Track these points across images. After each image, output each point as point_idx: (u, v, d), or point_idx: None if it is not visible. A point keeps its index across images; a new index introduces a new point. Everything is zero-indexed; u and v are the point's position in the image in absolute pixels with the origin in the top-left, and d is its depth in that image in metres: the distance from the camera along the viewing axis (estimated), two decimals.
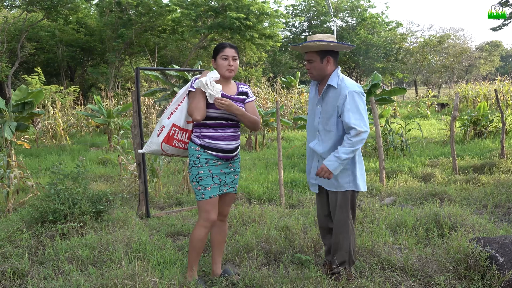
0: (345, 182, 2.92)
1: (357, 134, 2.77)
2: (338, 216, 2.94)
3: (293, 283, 2.89)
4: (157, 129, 3.03)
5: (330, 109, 2.91)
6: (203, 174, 2.87)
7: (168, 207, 5.48)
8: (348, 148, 2.78)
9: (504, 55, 56.80)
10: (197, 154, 2.89)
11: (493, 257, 2.85)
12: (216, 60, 2.94)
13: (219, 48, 2.94)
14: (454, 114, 6.74)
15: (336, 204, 2.95)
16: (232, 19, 19.93)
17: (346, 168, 2.91)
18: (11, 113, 6.70)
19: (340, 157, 2.78)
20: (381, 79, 8.99)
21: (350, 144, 2.78)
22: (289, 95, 17.20)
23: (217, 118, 2.89)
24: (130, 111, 13.92)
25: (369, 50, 30.25)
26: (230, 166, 3.00)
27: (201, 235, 2.92)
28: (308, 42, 2.87)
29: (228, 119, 2.92)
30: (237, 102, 2.95)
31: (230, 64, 2.91)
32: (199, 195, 2.90)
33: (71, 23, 23.73)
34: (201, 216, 2.94)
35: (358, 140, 2.78)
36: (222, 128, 2.91)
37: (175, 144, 2.98)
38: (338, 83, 2.88)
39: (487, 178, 5.96)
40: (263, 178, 6.67)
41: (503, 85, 18.35)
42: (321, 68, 2.93)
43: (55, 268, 3.28)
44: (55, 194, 4.22)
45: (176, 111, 2.98)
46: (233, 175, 3.03)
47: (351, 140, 2.78)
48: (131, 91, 17.51)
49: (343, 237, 2.95)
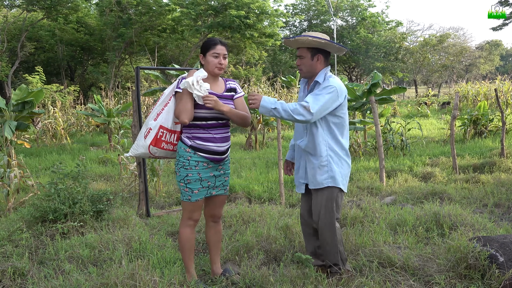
0: (323, 178, 2.88)
1: (304, 108, 2.70)
2: (323, 216, 2.91)
3: (293, 283, 2.89)
4: (144, 132, 2.93)
5: None
6: (192, 177, 2.82)
7: (168, 206, 5.49)
8: (286, 108, 2.69)
9: (504, 54, 56.78)
10: (187, 155, 2.82)
11: (493, 256, 2.85)
12: (205, 57, 2.84)
13: (210, 44, 2.84)
14: (454, 113, 6.74)
15: (320, 204, 2.92)
16: (232, 17, 19.93)
17: (324, 164, 2.88)
18: (11, 113, 6.70)
19: (276, 105, 2.69)
20: (381, 78, 8.98)
21: (292, 109, 2.69)
22: (289, 94, 17.19)
23: (208, 118, 2.82)
24: (130, 110, 13.93)
25: (369, 49, 30.25)
26: (220, 168, 2.94)
27: (187, 233, 2.92)
28: (300, 36, 2.88)
29: (219, 119, 2.85)
30: (226, 100, 2.89)
31: (220, 63, 2.83)
32: (186, 196, 2.86)
33: (71, 22, 23.73)
34: (184, 215, 2.93)
35: (299, 112, 2.69)
36: (213, 128, 2.84)
37: (163, 146, 2.90)
38: (324, 79, 2.88)
39: (487, 177, 5.96)
40: (263, 177, 6.67)
41: (503, 84, 18.34)
42: (311, 65, 2.93)
43: (56, 268, 3.29)
44: (55, 193, 4.22)
45: (162, 112, 2.89)
46: (223, 177, 2.97)
47: (295, 107, 2.70)
48: (131, 90, 17.51)
49: (331, 237, 2.91)
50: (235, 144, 11.38)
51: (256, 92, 5.94)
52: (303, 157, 3.03)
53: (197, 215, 2.93)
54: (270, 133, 13.06)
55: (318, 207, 2.93)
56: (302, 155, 3.04)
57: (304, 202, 3.15)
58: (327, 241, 2.93)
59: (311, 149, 2.93)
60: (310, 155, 2.95)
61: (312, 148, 2.92)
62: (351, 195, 5.49)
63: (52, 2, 19.86)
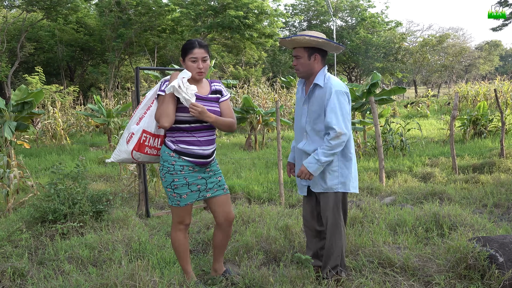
0: (334, 184, 2.86)
1: (337, 137, 2.71)
2: (331, 219, 2.89)
3: (293, 283, 2.88)
4: (126, 136, 2.84)
5: (317, 109, 2.86)
6: (179, 182, 2.74)
7: (168, 206, 5.49)
8: (327, 151, 2.73)
9: (503, 54, 56.81)
10: (172, 160, 2.73)
11: (492, 256, 2.85)
12: (184, 61, 2.76)
13: (187, 48, 2.74)
14: (453, 114, 6.74)
15: (328, 207, 2.90)
16: (231, 18, 19.94)
17: (334, 170, 2.86)
18: (11, 113, 6.70)
19: (320, 160, 2.74)
20: (380, 79, 8.99)
21: (329, 147, 2.73)
22: (289, 94, 17.19)
23: (192, 121, 2.72)
24: (129, 110, 13.87)
25: (368, 49, 30.28)
26: (208, 171, 2.85)
27: (179, 238, 2.89)
28: (297, 35, 2.84)
29: (203, 122, 2.74)
30: (211, 102, 2.80)
31: (199, 67, 2.73)
32: (174, 202, 2.80)
33: (70, 22, 23.74)
34: (174, 220, 2.88)
35: (337, 143, 2.73)
36: (197, 131, 2.75)
37: (147, 151, 2.81)
38: (324, 81, 2.84)
39: (486, 177, 5.96)
40: (263, 177, 6.67)
41: (503, 85, 18.36)
42: (308, 65, 2.89)
43: (55, 268, 3.28)
44: (55, 194, 4.22)
45: (145, 115, 2.79)
46: (214, 177, 2.88)
47: (330, 143, 2.72)
48: (131, 90, 17.49)
49: (336, 240, 2.90)
50: (234, 144, 11.39)
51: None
52: (304, 159, 2.97)
53: (188, 219, 2.87)
54: (270, 133, 13.06)
55: (326, 211, 2.91)
56: (302, 158, 3.00)
57: (306, 204, 3.12)
58: (332, 242, 2.91)
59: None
60: None
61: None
62: (351, 195, 5.49)
63: (52, 2, 19.88)
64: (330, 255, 2.94)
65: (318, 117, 2.86)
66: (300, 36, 2.82)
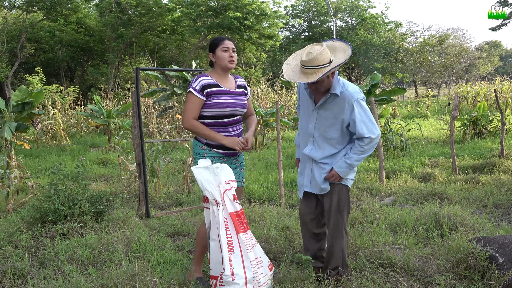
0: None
1: (371, 142, 2.77)
2: (334, 220, 2.88)
3: (293, 283, 2.88)
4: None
5: (332, 117, 2.79)
6: None
7: (168, 207, 5.49)
8: (359, 156, 2.79)
9: (503, 55, 56.88)
10: (203, 152, 2.90)
11: (493, 257, 2.85)
12: (215, 53, 2.90)
13: (218, 40, 2.91)
14: (453, 114, 6.74)
15: (331, 207, 2.89)
16: (230, 19, 19.96)
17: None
18: (11, 114, 6.71)
19: (352, 164, 2.79)
20: (380, 79, 9.00)
21: (363, 151, 2.78)
22: (289, 95, 17.21)
23: (224, 116, 2.89)
24: (130, 111, 13.91)
25: (368, 50, 30.31)
26: (235, 162, 3.02)
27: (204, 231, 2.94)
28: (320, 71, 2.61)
29: (233, 115, 2.92)
30: (240, 96, 2.97)
31: (231, 56, 2.89)
32: None
33: (71, 23, 23.74)
34: None
35: (371, 146, 2.79)
36: (227, 126, 2.92)
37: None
38: (340, 90, 2.76)
39: (486, 178, 5.97)
40: (263, 178, 6.68)
41: (503, 85, 18.37)
42: (329, 83, 2.75)
43: (55, 269, 3.28)
44: (55, 194, 4.22)
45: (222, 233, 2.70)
46: (239, 169, 3.05)
47: (364, 148, 2.77)
48: (131, 91, 17.50)
49: (338, 242, 2.89)
50: None
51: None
52: (308, 165, 2.95)
53: None
54: (270, 134, 13.07)
55: (328, 210, 2.91)
56: (307, 163, 2.96)
57: (304, 206, 3.08)
58: (334, 244, 2.90)
59: (328, 159, 2.88)
60: (324, 164, 2.88)
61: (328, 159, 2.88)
62: (351, 195, 5.49)
63: (52, 3, 19.88)
64: (331, 256, 2.93)
65: (332, 126, 2.81)
66: (323, 68, 2.61)
